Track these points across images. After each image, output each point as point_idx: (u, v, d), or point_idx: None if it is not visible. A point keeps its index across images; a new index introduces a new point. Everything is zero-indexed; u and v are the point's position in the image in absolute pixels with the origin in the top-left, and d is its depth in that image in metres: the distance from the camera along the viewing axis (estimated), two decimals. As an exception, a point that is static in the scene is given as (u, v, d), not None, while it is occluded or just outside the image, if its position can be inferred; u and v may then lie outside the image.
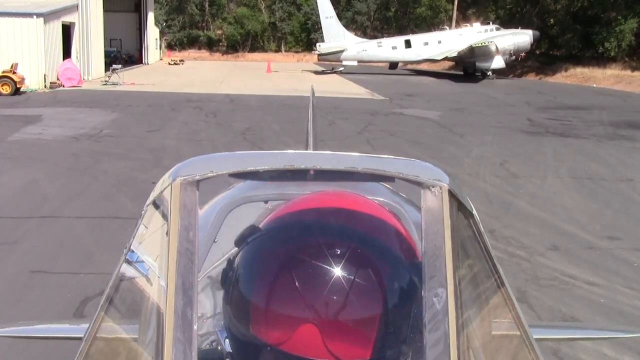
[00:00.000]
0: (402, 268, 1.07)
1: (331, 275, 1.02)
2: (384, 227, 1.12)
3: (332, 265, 1.03)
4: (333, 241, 1.06)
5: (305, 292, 1.01)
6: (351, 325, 1.00)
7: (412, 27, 58.25)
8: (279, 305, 1.02)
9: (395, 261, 1.08)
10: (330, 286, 1.01)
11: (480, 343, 1.10)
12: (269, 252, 1.10)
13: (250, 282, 1.07)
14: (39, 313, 5.49)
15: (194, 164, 1.06)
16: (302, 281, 1.02)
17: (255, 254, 1.10)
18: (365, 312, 1.02)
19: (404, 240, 1.12)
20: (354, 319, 1.01)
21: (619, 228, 8.55)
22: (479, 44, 37.97)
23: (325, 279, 1.02)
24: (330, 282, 1.02)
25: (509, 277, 1.22)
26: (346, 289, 1.02)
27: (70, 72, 28.73)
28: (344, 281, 1.02)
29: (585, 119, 20.69)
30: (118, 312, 1.23)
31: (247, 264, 1.09)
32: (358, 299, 1.02)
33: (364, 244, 1.07)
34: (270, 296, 1.03)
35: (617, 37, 39.19)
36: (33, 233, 7.78)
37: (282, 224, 1.13)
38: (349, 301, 1.01)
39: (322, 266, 1.02)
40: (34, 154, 12.64)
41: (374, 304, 1.02)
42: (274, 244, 1.11)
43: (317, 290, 1.01)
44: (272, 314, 1.02)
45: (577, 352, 4.91)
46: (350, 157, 1.05)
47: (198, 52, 68.53)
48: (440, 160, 12.26)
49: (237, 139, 15.23)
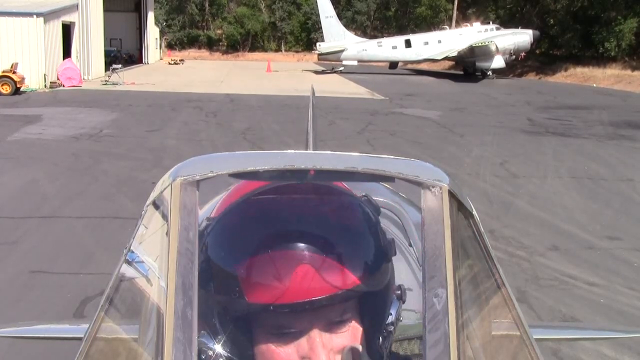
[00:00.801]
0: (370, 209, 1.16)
1: (308, 217, 1.08)
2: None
3: (308, 207, 1.10)
4: (307, 191, 1.13)
5: (284, 244, 1.04)
6: (342, 254, 1.05)
7: (412, 26, 58.33)
8: (266, 264, 1.02)
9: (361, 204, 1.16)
10: (311, 226, 1.06)
11: (480, 343, 1.10)
12: (234, 227, 1.11)
13: (231, 260, 1.07)
14: (38, 313, 5.50)
15: (194, 164, 1.06)
16: (282, 231, 1.06)
17: (220, 237, 1.11)
18: (351, 240, 1.08)
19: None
20: (342, 248, 1.05)
21: (619, 228, 8.55)
22: (479, 43, 38.00)
23: (304, 222, 1.07)
24: (308, 220, 1.07)
25: (509, 277, 1.22)
26: (329, 227, 1.07)
27: (70, 71, 28.76)
28: (325, 220, 1.09)
29: (585, 118, 20.70)
30: (118, 312, 1.23)
31: (217, 248, 1.10)
32: (341, 237, 1.07)
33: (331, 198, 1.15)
34: (253, 264, 1.04)
35: (617, 36, 39.23)
36: (33, 233, 7.79)
37: (238, 205, 1.15)
38: (332, 238, 1.06)
39: (300, 212, 1.09)
40: (33, 154, 12.65)
41: (357, 238, 1.09)
42: (237, 221, 1.12)
43: (297, 239, 1.04)
44: (263, 276, 1.02)
45: (577, 352, 4.91)
46: (350, 157, 1.05)
47: (198, 52, 68.61)
48: (440, 160, 12.27)
49: (237, 139, 15.24)
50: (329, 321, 1.05)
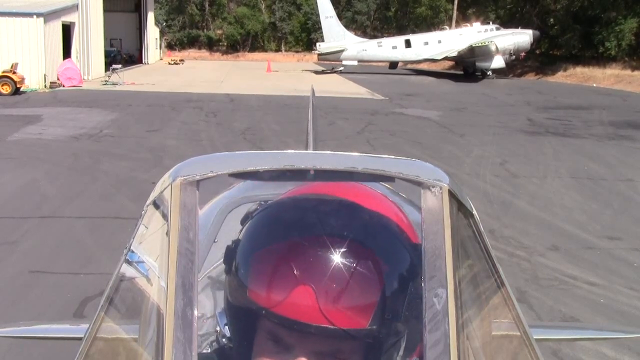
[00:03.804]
0: (402, 251, 1.07)
1: (328, 246, 1.03)
2: (386, 214, 1.12)
3: (332, 242, 1.03)
4: (334, 219, 1.07)
5: (301, 256, 1.01)
6: (348, 292, 1.00)
7: (412, 26, 58.32)
8: (275, 267, 1.01)
9: (396, 243, 1.08)
10: (327, 253, 1.02)
11: (480, 343, 1.10)
12: (271, 220, 1.11)
13: (250, 248, 1.07)
14: (38, 313, 5.49)
15: (194, 164, 1.06)
16: (299, 246, 1.03)
17: (256, 224, 1.11)
18: (363, 282, 1.01)
19: (404, 226, 1.13)
20: (352, 286, 1.00)
21: (619, 228, 8.55)
22: (479, 43, 38.00)
23: (323, 248, 1.02)
24: (327, 249, 1.02)
25: (509, 277, 1.22)
26: (345, 260, 1.02)
27: (70, 71, 28.76)
28: (343, 254, 1.02)
29: (585, 118, 20.70)
30: (118, 312, 1.23)
31: (247, 233, 1.11)
32: (356, 267, 1.01)
33: (365, 224, 1.08)
34: (267, 258, 1.03)
35: (617, 36, 39.23)
36: (33, 233, 7.78)
37: (285, 201, 1.15)
38: (346, 268, 1.00)
39: (322, 241, 1.03)
40: (34, 154, 12.65)
41: (371, 278, 1.02)
42: (276, 215, 1.12)
43: (314, 257, 1.01)
44: (268, 276, 1.02)
45: (577, 352, 4.91)
46: (350, 157, 1.05)
47: (198, 52, 68.60)
48: (440, 160, 12.27)
49: (237, 139, 15.24)
50: (319, 353, 1.00)
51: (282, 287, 0.99)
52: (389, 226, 1.09)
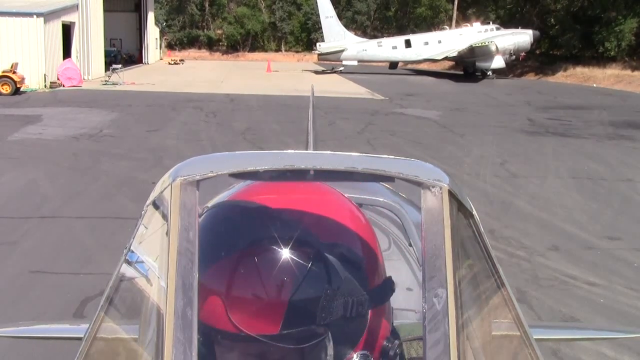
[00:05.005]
0: (320, 254, 1.08)
1: (244, 255, 1.07)
2: (323, 214, 1.14)
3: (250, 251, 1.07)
4: (247, 226, 1.11)
5: (215, 264, 1.07)
6: (257, 300, 1.03)
7: (412, 26, 58.31)
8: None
9: (314, 245, 1.09)
10: (238, 262, 1.06)
11: (480, 343, 1.10)
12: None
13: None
14: (38, 313, 5.49)
15: (194, 164, 1.06)
16: (215, 253, 1.08)
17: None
18: (271, 288, 1.04)
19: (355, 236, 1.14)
20: (259, 293, 1.04)
21: (619, 228, 8.55)
22: (479, 43, 37.99)
23: (239, 257, 1.07)
24: (243, 257, 1.06)
25: (508, 278, 1.22)
26: (254, 267, 1.05)
27: (71, 71, 28.75)
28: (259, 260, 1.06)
29: (585, 118, 20.70)
30: (118, 312, 1.23)
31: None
32: (263, 272, 1.05)
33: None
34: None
35: (617, 37, 39.21)
36: (33, 233, 7.78)
37: (212, 211, 1.20)
38: (255, 275, 1.04)
39: (237, 250, 1.08)
40: (34, 154, 12.65)
41: (281, 284, 1.04)
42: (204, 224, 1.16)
43: (224, 266, 1.06)
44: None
45: (577, 352, 4.91)
46: (350, 157, 1.05)
47: (198, 52, 68.58)
48: (440, 160, 12.27)
49: (237, 139, 15.23)
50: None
51: (200, 297, 1.02)
52: (309, 229, 1.10)
